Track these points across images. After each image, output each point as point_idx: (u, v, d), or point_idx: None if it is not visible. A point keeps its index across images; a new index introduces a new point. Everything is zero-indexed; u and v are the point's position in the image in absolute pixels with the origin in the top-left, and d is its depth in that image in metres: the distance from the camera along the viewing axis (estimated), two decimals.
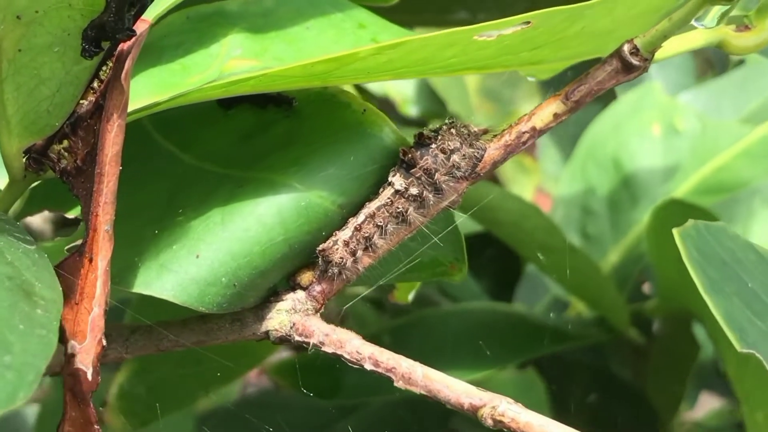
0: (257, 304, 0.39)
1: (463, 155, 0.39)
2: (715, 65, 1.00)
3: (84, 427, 0.34)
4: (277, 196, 0.38)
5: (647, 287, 0.84)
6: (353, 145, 0.39)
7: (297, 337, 0.39)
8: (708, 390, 0.89)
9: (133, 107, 0.35)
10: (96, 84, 0.35)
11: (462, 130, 0.39)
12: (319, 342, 0.39)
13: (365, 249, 0.39)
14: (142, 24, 0.34)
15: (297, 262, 0.39)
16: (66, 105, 0.35)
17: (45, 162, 0.36)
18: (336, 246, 0.39)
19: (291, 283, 0.40)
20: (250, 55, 0.39)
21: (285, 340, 0.39)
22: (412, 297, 0.53)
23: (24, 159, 0.36)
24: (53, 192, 0.41)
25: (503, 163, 0.40)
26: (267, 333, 0.40)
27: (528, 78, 0.48)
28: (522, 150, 0.39)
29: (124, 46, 0.34)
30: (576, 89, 0.38)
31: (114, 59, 0.34)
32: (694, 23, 0.38)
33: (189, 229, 0.38)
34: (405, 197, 0.39)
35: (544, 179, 0.95)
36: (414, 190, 0.39)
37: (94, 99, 0.35)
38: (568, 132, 0.90)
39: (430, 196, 0.39)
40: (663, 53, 0.38)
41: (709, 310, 0.36)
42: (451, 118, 0.40)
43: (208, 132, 0.41)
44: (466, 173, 0.39)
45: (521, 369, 0.78)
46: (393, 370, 0.37)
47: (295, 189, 0.38)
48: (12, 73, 0.33)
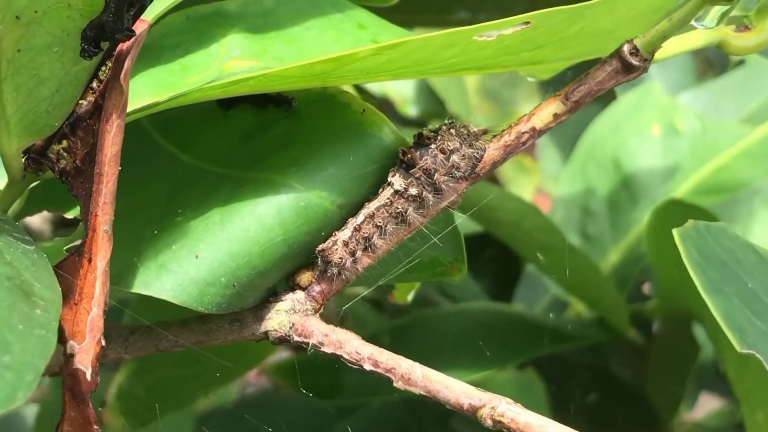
0: (256, 304, 0.39)
1: (463, 155, 0.39)
2: (715, 65, 1.00)
3: (83, 428, 0.34)
4: (277, 196, 0.38)
5: (647, 287, 0.83)
6: (353, 146, 0.39)
7: (296, 338, 0.39)
8: (708, 390, 0.89)
9: (133, 107, 0.35)
10: (95, 84, 0.35)
11: (461, 130, 0.39)
12: (319, 342, 0.39)
13: (365, 249, 0.39)
14: (141, 24, 0.34)
15: (296, 262, 0.39)
16: (65, 105, 0.35)
17: (44, 162, 0.36)
18: (335, 246, 0.39)
19: (290, 284, 0.40)
20: (249, 56, 0.39)
21: (284, 340, 0.39)
22: (411, 297, 0.53)
23: (23, 159, 0.36)
24: (52, 192, 0.41)
25: (503, 164, 0.40)
26: (266, 333, 0.39)
27: (528, 78, 0.48)
28: (522, 150, 0.39)
29: (123, 46, 0.34)
30: (576, 89, 0.38)
31: (113, 59, 0.34)
32: (694, 23, 0.38)
33: (188, 230, 0.38)
34: (404, 197, 0.39)
35: (543, 179, 0.95)
36: (413, 190, 0.39)
37: (93, 99, 0.35)
38: (567, 132, 0.89)
39: (429, 196, 0.39)
40: (663, 53, 0.38)
41: (709, 310, 0.36)
42: (451, 118, 0.40)
43: (207, 132, 0.41)
44: (465, 173, 0.39)
45: (521, 369, 0.78)
46: (392, 370, 0.37)
47: (295, 189, 0.38)
48: (11, 74, 0.33)
